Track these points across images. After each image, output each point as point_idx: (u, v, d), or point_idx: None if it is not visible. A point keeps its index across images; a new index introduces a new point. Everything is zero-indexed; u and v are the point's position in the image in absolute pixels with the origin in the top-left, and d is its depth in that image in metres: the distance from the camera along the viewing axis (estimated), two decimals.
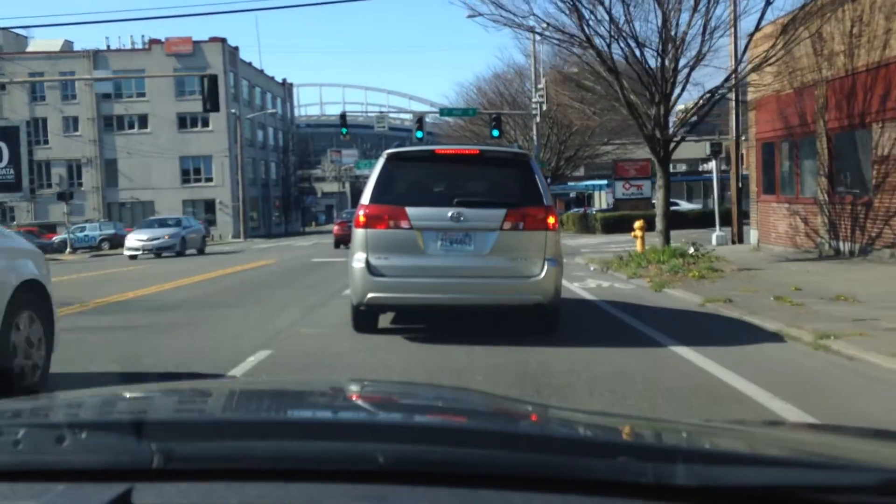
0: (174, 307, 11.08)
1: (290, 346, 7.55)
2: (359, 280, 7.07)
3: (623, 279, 13.69)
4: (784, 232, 17.91)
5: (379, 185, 7.23)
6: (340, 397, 2.00)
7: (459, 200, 7.08)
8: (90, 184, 61.80)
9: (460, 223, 6.98)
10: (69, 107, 61.67)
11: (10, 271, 5.11)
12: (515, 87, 41.45)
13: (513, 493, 1.10)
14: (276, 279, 15.49)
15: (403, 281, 7.05)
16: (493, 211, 7.06)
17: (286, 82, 78.55)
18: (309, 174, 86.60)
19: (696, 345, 6.88)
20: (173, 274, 17.65)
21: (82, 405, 1.81)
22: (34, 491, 1.12)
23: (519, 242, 7.09)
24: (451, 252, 7.04)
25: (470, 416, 1.73)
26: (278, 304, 11.11)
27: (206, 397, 1.98)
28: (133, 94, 61.75)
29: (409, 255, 7.05)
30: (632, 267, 14.26)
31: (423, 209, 7.06)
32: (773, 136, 18.36)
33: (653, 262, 14.21)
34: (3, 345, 4.91)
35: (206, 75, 25.81)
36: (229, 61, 62.26)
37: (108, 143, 61.39)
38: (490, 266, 7.04)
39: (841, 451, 1.50)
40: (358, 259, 7.09)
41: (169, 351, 7.35)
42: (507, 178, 7.47)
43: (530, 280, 7.00)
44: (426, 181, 7.55)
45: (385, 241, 7.05)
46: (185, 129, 61.48)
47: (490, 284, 7.09)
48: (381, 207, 7.09)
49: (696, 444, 1.49)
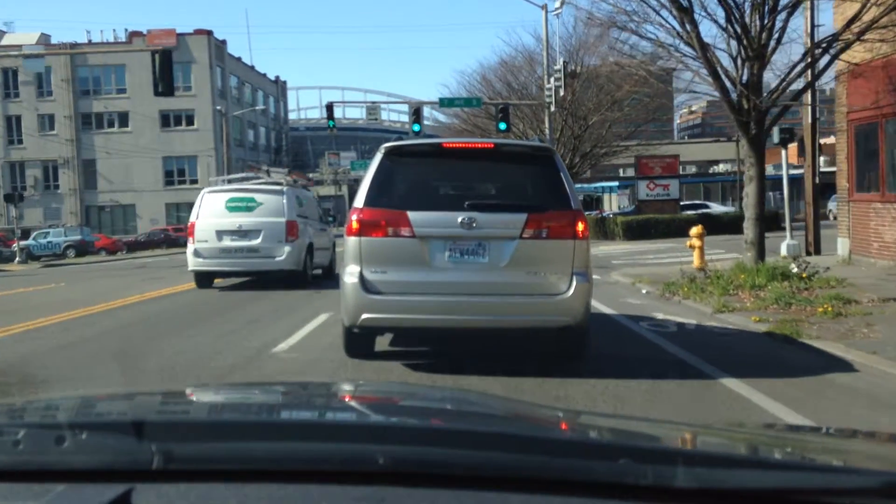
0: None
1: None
2: (351, 298, 6.15)
3: (705, 312, 9.24)
4: (894, 241, 13.42)
5: (375, 185, 6.25)
6: (340, 398, 2.00)
7: (471, 203, 6.18)
8: (67, 186, 58.35)
9: (472, 230, 6.08)
10: (45, 104, 58.14)
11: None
12: (525, 76, 36.97)
13: (513, 495, 1.11)
14: (206, 311, 10.95)
15: (404, 299, 6.13)
16: (511, 216, 6.13)
17: (279, 80, 74.86)
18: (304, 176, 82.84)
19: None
20: (54, 305, 13.06)
21: (82, 406, 1.81)
22: (34, 491, 1.14)
23: (542, 253, 6.14)
24: (461, 265, 6.14)
25: (470, 418, 1.73)
26: (155, 374, 6.61)
27: (206, 398, 2.00)
28: (113, 91, 58.15)
29: (412, 269, 6.14)
30: (713, 293, 9.80)
31: (427, 214, 6.16)
32: (874, 116, 13.88)
33: (744, 286, 9.75)
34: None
35: (156, 51, 21.39)
36: (216, 55, 58.77)
37: (87, 143, 57.90)
38: (508, 282, 6.12)
39: (841, 453, 1.51)
40: (350, 273, 6.18)
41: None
42: (527, 177, 6.54)
43: (556, 298, 6.05)
44: (432, 181, 6.60)
45: (383, 251, 6.15)
46: (169, 128, 58.09)
47: (508, 304, 6.13)
48: (378, 212, 6.16)
49: (697, 447, 1.51)
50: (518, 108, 35.38)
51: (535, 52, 35.10)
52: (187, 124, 57.81)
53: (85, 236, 42.07)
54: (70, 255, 39.98)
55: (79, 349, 8.03)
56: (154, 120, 57.29)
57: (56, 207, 58.31)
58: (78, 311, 11.08)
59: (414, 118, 31.13)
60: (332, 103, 32.18)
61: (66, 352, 7.86)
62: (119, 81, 57.98)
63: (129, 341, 8.57)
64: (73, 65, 57.54)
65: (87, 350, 7.99)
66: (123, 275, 21.41)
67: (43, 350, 7.94)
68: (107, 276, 21.42)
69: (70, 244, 40.81)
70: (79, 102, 57.65)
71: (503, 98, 35.18)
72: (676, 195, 33.57)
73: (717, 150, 68.44)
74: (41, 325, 9.69)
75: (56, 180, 58.18)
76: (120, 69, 57.47)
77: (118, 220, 58.70)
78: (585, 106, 33.74)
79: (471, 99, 33.54)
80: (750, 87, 9.93)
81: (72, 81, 57.52)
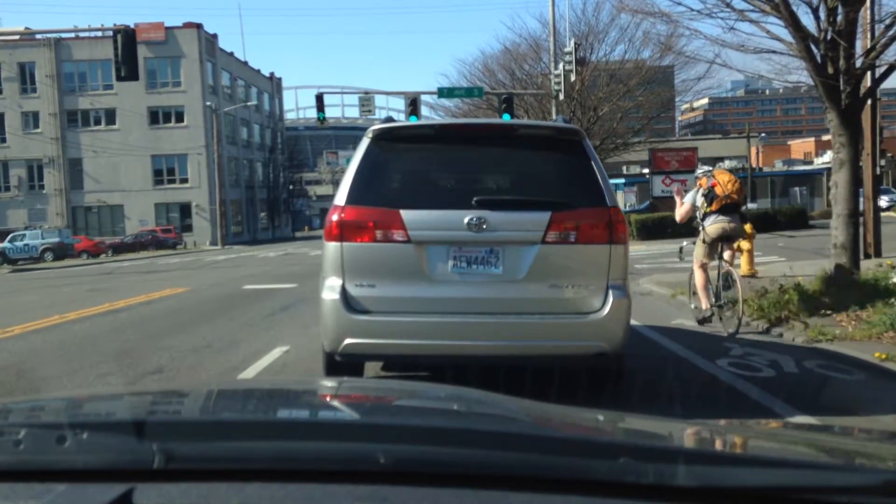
0: None
1: None
2: (331, 319, 4.86)
3: (796, 340, 6.76)
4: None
5: (361, 177, 4.94)
6: (341, 397, 1.97)
7: (481, 200, 4.88)
8: (52, 186, 56.12)
9: (482, 234, 4.79)
10: (29, 101, 55.93)
11: None
12: (530, 64, 34.50)
13: (514, 494, 1.11)
14: (108, 345, 8.37)
15: (397, 320, 4.85)
16: (531, 215, 4.87)
17: (274, 76, 72.56)
18: (301, 176, 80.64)
19: None
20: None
21: (83, 405, 1.80)
22: (35, 491, 1.14)
23: (570, 262, 4.87)
24: (468, 276, 4.86)
25: (471, 417, 1.72)
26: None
27: (208, 397, 1.95)
28: (99, 87, 55.83)
29: (407, 282, 4.88)
30: (796, 313, 7.33)
31: (426, 213, 4.87)
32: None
33: (839, 304, 7.27)
34: None
35: (118, 29, 18.94)
36: (206, 49, 56.52)
37: (72, 141, 55.62)
38: (527, 298, 4.84)
39: (842, 451, 1.50)
40: (330, 287, 4.89)
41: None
42: (550, 167, 5.21)
43: (588, 318, 4.78)
44: (431, 172, 5.34)
45: (370, 260, 4.87)
46: (158, 125, 55.87)
47: (527, 326, 4.82)
48: (365, 210, 4.86)
49: (697, 445, 1.50)
50: (522, 98, 32.95)
51: (540, 37, 32.69)
52: (177, 121, 55.48)
53: (63, 238, 39.76)
54: (48, 259, 37.77)
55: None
56: (142, 117, 55.19)
57: (41, 208, 56.12)
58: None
59: (411, 109, 28.76)
60: (321, 94, 29.85)
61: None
62: (106, 77, 55.29)
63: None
64: (58, 60, 55.40)
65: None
66: (75, 283, 18.92)
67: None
68: (52, 285, 18.91)
69: (47, 247, 38.59)
70: (64, 99, 55.38)
71: (506, 88, 32.77)
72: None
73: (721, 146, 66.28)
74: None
75: (41, 180, 55.79)
76: (107, 64, 54.56)
77: (106, 222, 56.49)
78: (595, 96, 31.29)
79: (472, 89, 31.11)
80: (843, 36, 7.42)
81: (57, 77, 55.30)
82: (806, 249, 18.63)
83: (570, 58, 23.31)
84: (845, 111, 7.81)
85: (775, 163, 76.25)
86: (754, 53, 8.07)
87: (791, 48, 7.98)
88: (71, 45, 55.57)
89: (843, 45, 7.44)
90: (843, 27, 7.45)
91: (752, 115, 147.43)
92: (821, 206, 42.32)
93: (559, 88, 25.57)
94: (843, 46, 7.45)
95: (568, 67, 23.29)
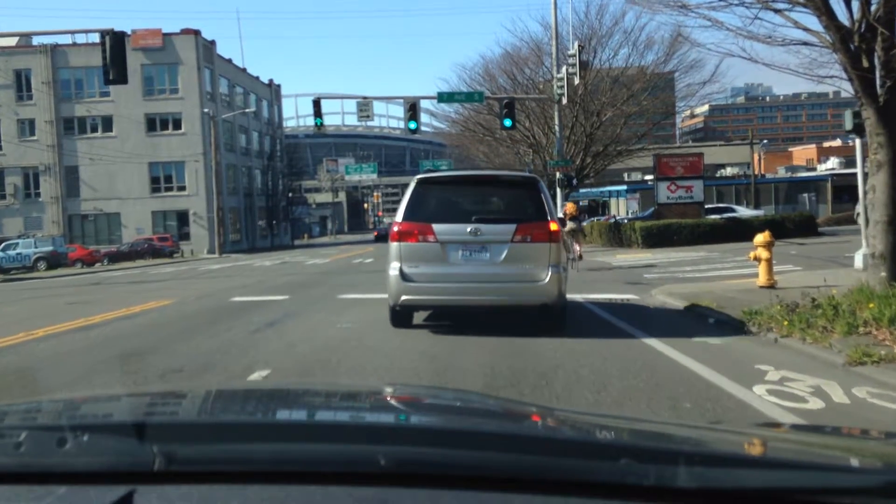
0: None
1: None
2: (394, 285, 8.38)
3: (831, 362, 6.03)
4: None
5: (410, 205, 8.46)
6: (341, 399, 1.98)
7: (477, 217, 8.32)
8: (49, 194, 55.44)
9: (478, 237, 8.23)
10: (25, 108, 55.31)
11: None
12: (531, 68, 33.82)
13: (515, 496, 1.11)
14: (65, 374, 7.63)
15: (430, 286, 8.30)
16: (505, 226, 8.27)
17: (273, 83, 71.96)
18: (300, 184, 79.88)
19: None
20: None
21: (83, 408, 1.79)
22: (36, 493, 1.13)
23: (527, 252, 8.22)
24: (470, 261, 8.27)
25: (471, 418, 1.73)
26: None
27: (207, 400, 1.94)
28: (96, 94, 55.17)
29: (435, 264, 8.29)
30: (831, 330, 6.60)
31: (446, 225, 8.30)
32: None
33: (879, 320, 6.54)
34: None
35: (106, 32, 18.28)
36: (204, 56, 55.88)
37: (69, 149, 54.92)
38: (503, 272, 8.21)
39: (842, 453, 1.49)
40: (393, 267, 8.38)
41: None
42: (517, 198, 8.65)
43: (537, 284, 8.18)
44: (449, 201, 8.73)
45: (415, 252, 8.33)
46: (155, 132, 55.18)
47: (503, 288, 8.23)
48: (412, 224, 8.35)
49: (698, 447, 1.49)
50: (524, 103, 32.28)
51: (542, 41, 32.07)
52: (174, 128, 54.72)
53: (57, 247, 39.01)
54: (41, 268, 37.05)
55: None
56: (139, 124, 54.52)
57: (37, 217, 55.45)
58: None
59: (410, 115, 28.10)
60: (319, 98, 29.20)
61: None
62: (102, 84, 54.66)
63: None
64: (55, 67, 54.83)
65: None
66: (59, 294, 18.15)
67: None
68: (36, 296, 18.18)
69: (41, 256, 37.85)
70: (60, 106, 54.69)
71: (508, 93, 32.09)
72: (700, 198, 30.27)
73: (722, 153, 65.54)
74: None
75: (37, 188, 55.05)
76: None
77: (102, 230, 55.76)
78: (599, 100, 30.59)
79: (472, 93, 30.43)
80: (881, 24, 6.70)
81: (53, 84, 54.69)
82: (820, 258, 17.90)
83: (573, 60, 22.62)
84: (883, 108, 7.08)
85: (777, 169, 75.56)
86: (782, 46, 7.39)
87: (822, 39, 7.28)
88: (67, 52, 54.96)
89: (882, 33, 6.72)
90: (881, 14, 6.74)
91: (753, 122, 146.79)
92: (825, 213, 41.58)
93: (562, 92, 24.89)
94: (883, 35, 6.73)
95: (571, 70, 22.60)
